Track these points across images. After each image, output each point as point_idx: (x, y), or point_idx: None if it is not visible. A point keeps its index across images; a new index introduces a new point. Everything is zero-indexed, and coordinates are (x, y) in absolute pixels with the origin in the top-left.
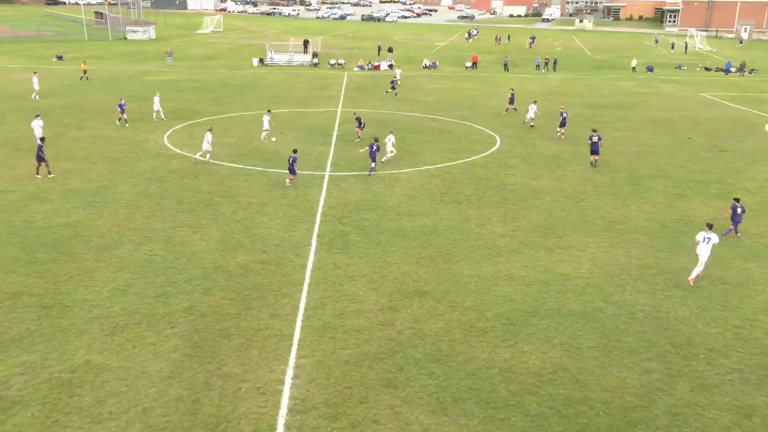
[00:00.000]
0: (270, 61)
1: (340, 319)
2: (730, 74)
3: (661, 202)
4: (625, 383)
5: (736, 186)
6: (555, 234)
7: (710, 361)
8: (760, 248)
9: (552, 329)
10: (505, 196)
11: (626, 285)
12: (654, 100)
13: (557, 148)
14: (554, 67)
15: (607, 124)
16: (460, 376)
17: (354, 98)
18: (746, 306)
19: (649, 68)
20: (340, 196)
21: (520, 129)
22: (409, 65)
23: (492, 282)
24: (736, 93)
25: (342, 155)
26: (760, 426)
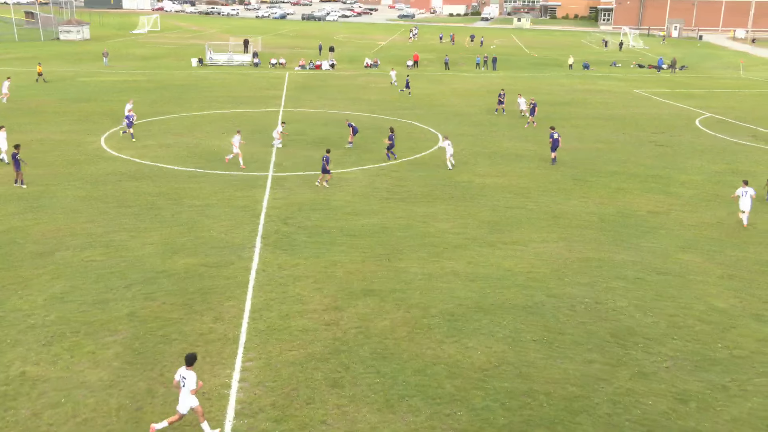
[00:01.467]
0: (209, 62)
1: (286, 321)
2: (663, 71)
3: (601, 197)
4: (567, 374)
5: (672, 180)
6: (500, 230)
7: (648, 349)
8: (695, 239)
9: (496, 324)
10: (452, 193)
11: (567, 278)
12: (591, 97)
13: (502, 145)
14: (494, 66)
15: (548, 121)
16: (406, 373)
17: (296, 98)
18: (681, 295)
19: (586, 66)
20: (285, 197)
21: (463, 126)
22: (351, 64)
23: (437, 279)
24: (668, 89)
25: (285, 155)
26: (695, 410)
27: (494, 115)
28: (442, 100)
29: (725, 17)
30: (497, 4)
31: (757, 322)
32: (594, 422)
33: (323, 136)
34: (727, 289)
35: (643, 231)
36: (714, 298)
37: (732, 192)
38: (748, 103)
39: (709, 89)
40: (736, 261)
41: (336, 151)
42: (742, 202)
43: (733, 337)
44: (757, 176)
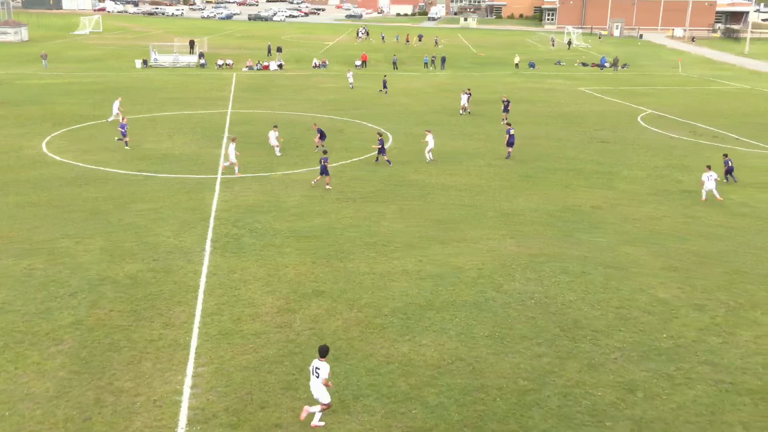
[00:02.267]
0: (154, 63)
1: (238, 324)
2: (605, 69)
3: (548, 193)
4: (518, 368)
5: (616, 175)
6: (449, 228)
7: (595, 341)
8: (639, 233)
9: (447, 321)
10: (401, 192)
11: (516, 274)
12: (538, 96)
13: (450, 144)
14: (442, 65)
15: (497, 120)
16: (360, 373)
17: (245, 99)
18: (626, 288)
19: (531, 65)
20: (233, 199)
21: (412, 125)
22: (299, 65)
23: (388, 278)
24: (611, 87)
25: None
26: (642, 399)
27: (443, 114)
28: (391, 100)
29: (664, 16)
30: (444, 3)
31: (697, 312)
32: (545, 415)
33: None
34: (669, 280)
35: (588, 226)
36: (657, 289)
37: (682, 183)
38: (686, 100)
39: (650, 86)
40: (677, 253)
41: (299, 151)
42: (707, 185)
43: (676, 327)
44: (696, 170)
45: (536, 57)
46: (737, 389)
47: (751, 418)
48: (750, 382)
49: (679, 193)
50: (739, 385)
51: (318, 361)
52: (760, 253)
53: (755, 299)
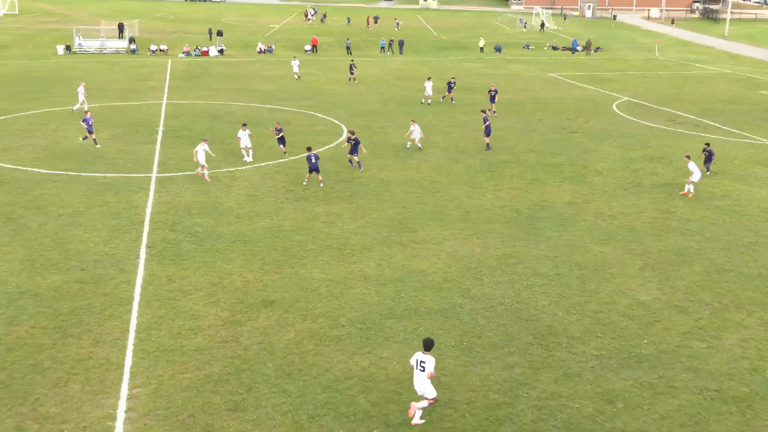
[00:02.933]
0: (79, 49)
1: (178, 340)
2: (577, 53)
3: (516, 188)
4: (488, 380)
5: (589, 168)
6: (409, 228)
7: (571, 349)
8: (614, 230)
9: (411, 331)
10: (355, 190)
11: (484, 277)
12: (504, 82)
13: (401, 138)
14: (400, 49)
15: (458, 108)
16: (315, 390)
17: (181, 89)
18: (603, 290)
19: (497, 48)
20: (171, 200)
21: (368, 117)
22: (243, 50)
23: (345, 284)
24: (583, 72)
25: (170, 154)
26: (623, 410)
27: (397, 105)
28: (344, 88)
29: None
30: None
31: (680, 314)
32: (518, 430)
33: (211, 132)
34: (649, 281)
35: (560, 224)
36: (636, 291)
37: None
38: (664, 86)
39: (625, 71)
40: (656, 251)
41: (223, 145)
42: (695, 175)
43: (658, 331)
44: (673, 161)
45: (503, 40)
46: (723, 397)
47: (737, 427)
48: (736, 389)
49: (657, 186)
50: (725, 392)
51: (422, 354)
52: (743, 250)
53: (740, 300)
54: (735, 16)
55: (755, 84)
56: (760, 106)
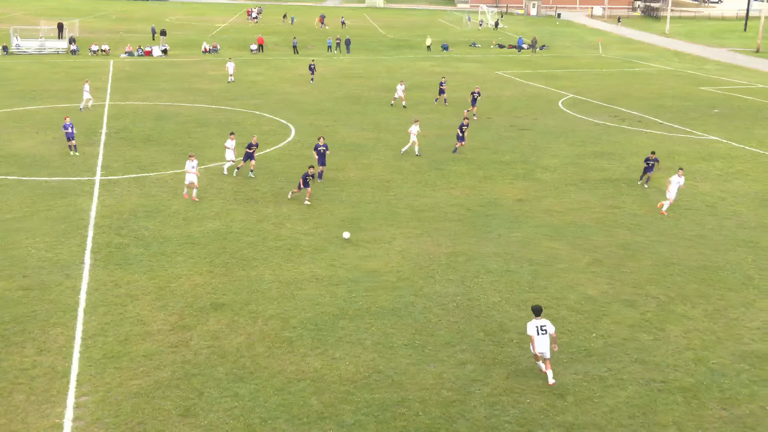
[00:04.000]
0: (16, 49)
1: (126, 346)
2: (523, 51)
3: (466, 186)
4: (441, 378)
5: (538, 165)
6: (361, 228)
7: (522, 345)
8: (563, 226)
9: (363, 330)
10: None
11: (436, 275)
12: (452, 81)
13: (359, 135)
14: (347, 48)
15: (409, 107)
16: (267, 393)
17: (123, 90)
18: (552, 285)
19: (444, 47)
20: (116, 204)
21: (317, 116)
22: (188, 50)
23: (296, 286)
24: (530, 70)
25: (114, 156)
26: (573, 404)
27: (347, 103)
28: (293, 88)
29: None
30: None
31: (627, 308)
32: (472, 427)
33: (155, 133)
34: (597, 275)
35: (510, 221)
36: (585, 286)
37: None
38: (608, 83)
39: (570, 69)
40: (604, 246)
41: (189, 150)
42: (671, 189)
43: (606, 325)
44: (620, 157)
45: (450, 38)
46: (669, 388)
47: (683, 417)
48: (681, 380)
49: (603, 182)
50: (671, 383)
51: (539, 320)
52: (688, 243)
53: (685, 292)
54: (675, 14)
55: (697, 80)
56: (703, 103)
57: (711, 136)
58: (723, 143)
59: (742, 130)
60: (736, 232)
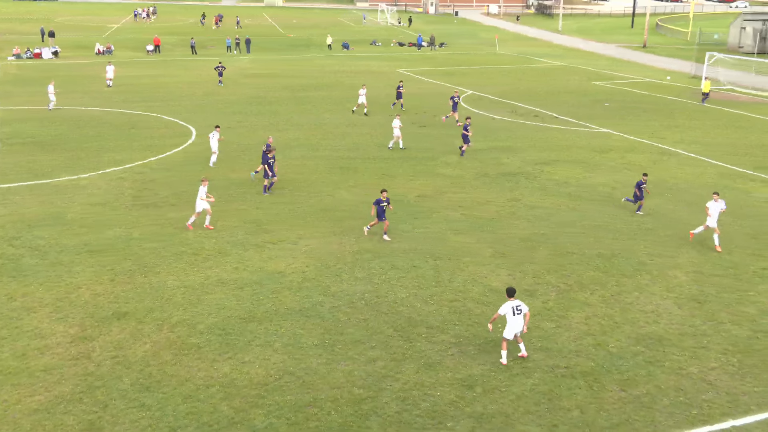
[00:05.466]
0: None
1: (23, 361)
2: (423, 48)
3: (369, 184)
4: (352, 376)
5: (439, 161)
6: (265, 229)
7: (431, 338)
8: (466, 220)
9: (272, 333)
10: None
11: (343, 274)
12: (353, 79)
13: (259, 136)
14: (248, 48)
15: (313, 106)
16: (176, 401)
17: (11, 94)
18: (457, 279)
19: (345, 45)
20: (9, 213)
21: (218, 117)
22: (80, 51)
23: (201, 290)
24: (429, 67)
25: (5, 162)
26: (482, 394)
27: (248, 104)
28: (191, 89)
29: None
30: None
31: (529, 298)
32: (384, 423)
33: (49, 138)
34: (499, 267)
35: (414, 216)
36: (488, 278)
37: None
38: (505, 79)
39: (469, 66)
40: (505, 238)
41: (78, 154)
42: (713, 215)
43: None
44: (518, 151)
45: (350, 37)
46: (572, 372)
47: (586, 400)
48: (583, 364)
49: (503, 175)
50: (574, 368)
51: (514, 300)
52: (584, 232)
53: (583, 280)
54: (567, 11)
55: (589, 75)
56: (595, 96)
57: (604, 129)
58: (615, 135)
59: (633, 122)
60: (628, 220)
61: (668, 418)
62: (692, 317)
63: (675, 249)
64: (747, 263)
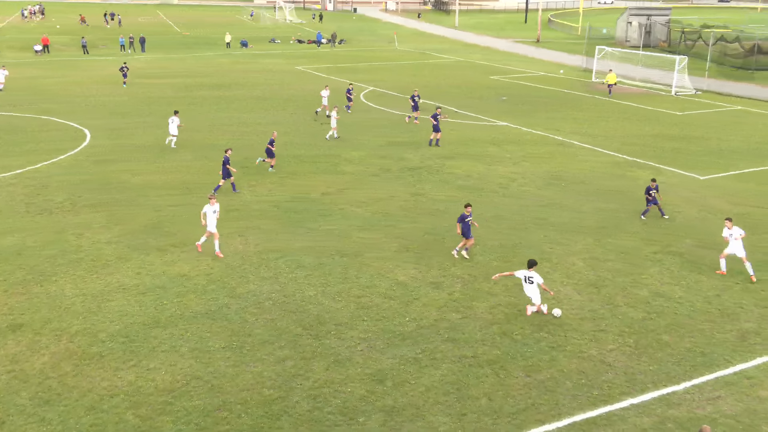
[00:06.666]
0: None
1: None
2: (323, 46)
3: (272, 183)
4: (261, 377)
5: (341, 158)
6: (168, 233)
7: (340, 335)
8: (370, 216)
9: (177, 337)
10: (105, 197)
11: (249, 274)
12: (253, 77)
13: (156, 137)
14: (143, 47)
15: (211, 105)
16: (78, 414)
17: None
18: (364, 275)
19: (244, 43)
20: None
21: (112, 119)
22: None
23: (102, 298)
24: (330, 64)
25: None
26: (392, 388)
27: (144, 104)
28: (83, 90)
29: None
30: None
31: (436, 290)
32: (295, 422)
33: None
34: (405, 261)
35: (318, 214)
36: (394, 272)
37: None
38: (404, 75)
39: (369, 62)
40: (410, 233)
41: None
42: (732, 246)
43: (417, 308)
44: (419, 147)
45: (249, 35)
46: (479, 362)
47: (493, 388)
48: (489, 353)
49: (405, 170)
50: (480, 357)
51: (528, 271)
52: (486, 224)
53: (487, 270)
54: (463, 7)
55: (486, 70)
56: (492, 91)
57: (501, 122)
58: (512, 128)
59: (528, 114)
60: (528, 210)
61: (571, 401)
62: (591, 302)
63: (571, 237)
64: (639, 248)
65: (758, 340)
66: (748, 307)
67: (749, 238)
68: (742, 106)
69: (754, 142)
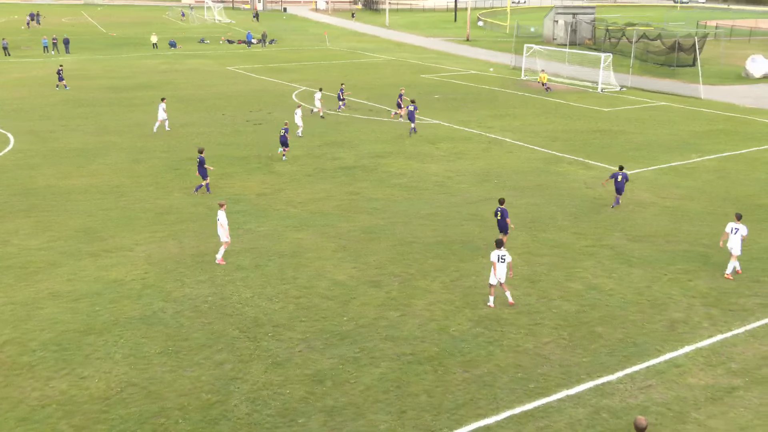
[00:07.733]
0: None
1: None
2: (253, 45)
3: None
4: (199, 382)
5: (274, 158)
6: (98, 237)
7: (278, 336)
8: (307, 216)
9: (112, 344)
10: (33, 202)
11: (185, 278)
12: (181, 78)
13: (84, 140)
14: (67, 48)
15: (135, 107)
16: (9, 425)
17: None
18: (302, 275)
19: (172, 44)
20: None
21: (35, 122)
22: None
23: (32, 306)
24: (260, 64)
25: None
26: (332, 388)
27: (68, 106)
28: (5, 93)
29: None
30: None
31: (374, 289)
32: (234, 426)
33: None
34: (343, 261)
35: (254, 215)
36: (332, 272)
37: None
38: (336, 74)
39: (300, 62)
40: (347, 232)
41: None
42: (731, 241)
43: (356, 307)
44: (353, 145)
45: (177, 35)
46: (418, 359)
47: (432, 384)
48: (428, 350)
49: (340, 170)
50: (419, 354)
51: (500, 250)
52: (423, 222)
53: (424, 268)
54: (393, 6)
55: (417, 69)
56: (424, 89)
57: (434, 120)
58: (446, 126)
59: (461, 112)
60: (463, 207)
61: (509, 394)
62: (527, 296)
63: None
64: (571, 242)
65: (686, 329)
66: (677, 297)
67: (681, 229)
68: (665, 101)
69: (676, 136)
